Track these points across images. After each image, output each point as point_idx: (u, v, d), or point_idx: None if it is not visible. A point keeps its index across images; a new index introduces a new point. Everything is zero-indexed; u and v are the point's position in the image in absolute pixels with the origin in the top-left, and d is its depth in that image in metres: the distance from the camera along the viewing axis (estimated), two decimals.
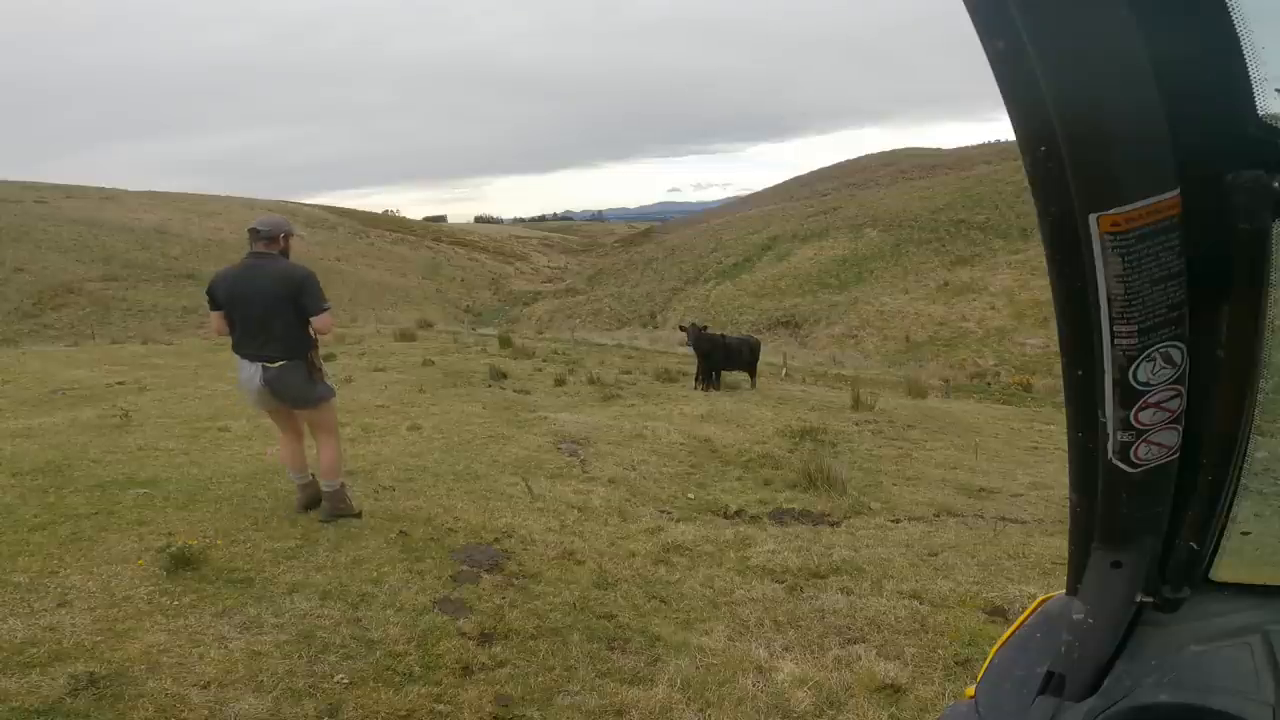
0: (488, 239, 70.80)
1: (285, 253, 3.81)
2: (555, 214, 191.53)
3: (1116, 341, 0.57)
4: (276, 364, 3.66)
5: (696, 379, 11.07)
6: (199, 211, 50.78)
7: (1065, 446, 0.68)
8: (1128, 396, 0.59)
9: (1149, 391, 0.59)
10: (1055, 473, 6.34)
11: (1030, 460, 7.35)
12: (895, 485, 5.70)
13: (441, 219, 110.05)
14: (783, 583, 3.49)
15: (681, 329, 11.74)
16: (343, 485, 3.97)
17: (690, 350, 11.49)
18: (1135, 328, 0.56)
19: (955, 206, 37.91)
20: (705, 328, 11.43)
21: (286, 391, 3.72)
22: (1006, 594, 3.26)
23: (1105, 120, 0.49)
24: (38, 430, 5.88)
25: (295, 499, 4.04)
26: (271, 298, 3.61)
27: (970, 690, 0.76)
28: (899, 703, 2.43)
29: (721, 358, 11.18)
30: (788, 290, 34.82)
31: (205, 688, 2.33)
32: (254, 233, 3.74)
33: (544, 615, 3.03)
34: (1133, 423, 0.61)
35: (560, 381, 10.36)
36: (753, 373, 11.84)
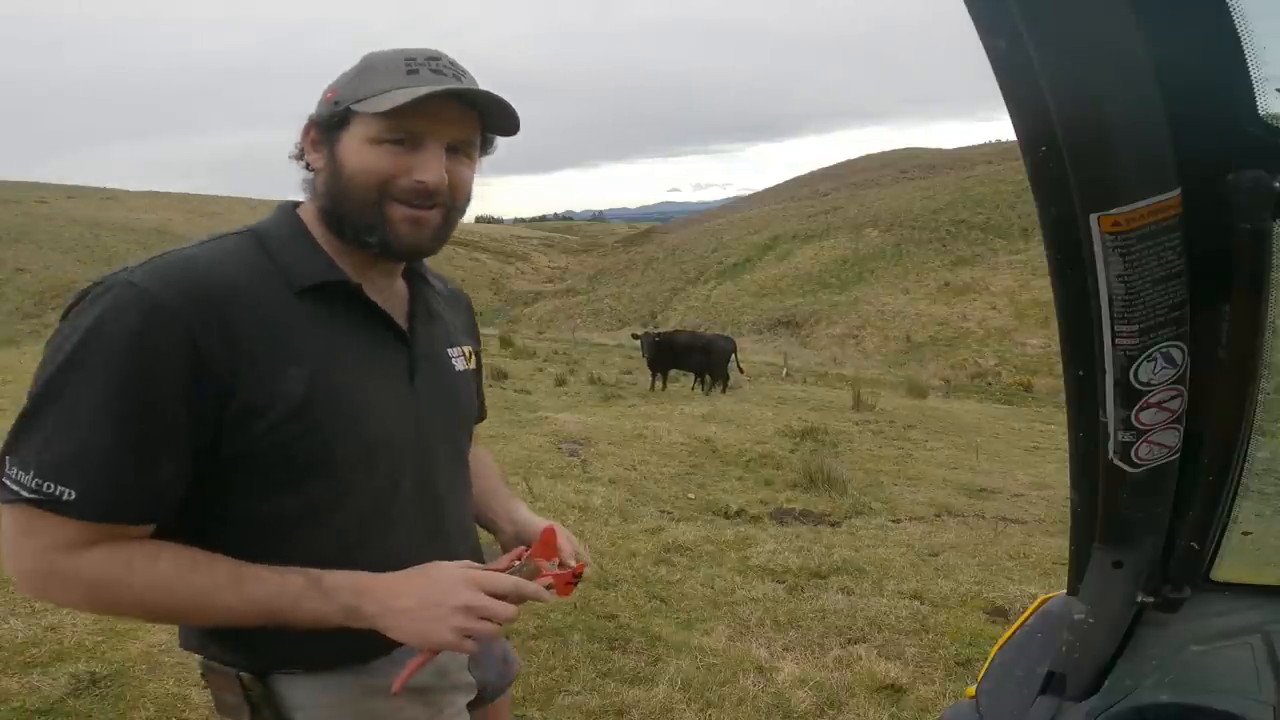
0: (488, 239, 70.74)
1: None
2: (556, 214, 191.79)
3: (1117, 341, 0.57)
4: None
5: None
6: (199, 211, 50.80)
7: (1066, 446, 0.68)
8: (1129, 396, 0.59)
9: (1150, 391, 0.59)
10: (1056, 473, 6.33)
11: (1031, 460, 7.34)
12: (896, 485, 5.70)
13: None
14: (783, 583, 3.49)
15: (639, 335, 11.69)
16: None
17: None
18: (1136, 327, 0.56)
19: (956, 206, 37.88)
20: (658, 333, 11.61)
21: None
22: (1007, 594, 3.26)
23: (1106, 120, 0.49)
24: None
25: None
26: None
27: (971, 690, 0.76)
28: (900, 703, 2.43)
29: (670, 359, 11.07)
30: (788, 290, 34.81)
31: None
32: None
33: (544, 615, 3.02)
34: (1134, 422, 0.60)
35: (561, 381, 10.37)
36: (710, 375, 10.96)
